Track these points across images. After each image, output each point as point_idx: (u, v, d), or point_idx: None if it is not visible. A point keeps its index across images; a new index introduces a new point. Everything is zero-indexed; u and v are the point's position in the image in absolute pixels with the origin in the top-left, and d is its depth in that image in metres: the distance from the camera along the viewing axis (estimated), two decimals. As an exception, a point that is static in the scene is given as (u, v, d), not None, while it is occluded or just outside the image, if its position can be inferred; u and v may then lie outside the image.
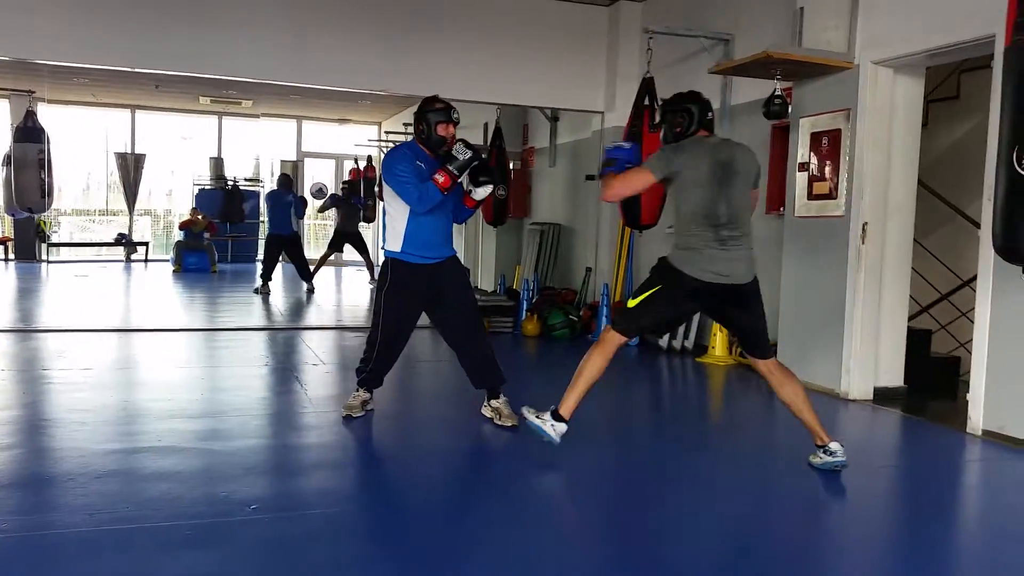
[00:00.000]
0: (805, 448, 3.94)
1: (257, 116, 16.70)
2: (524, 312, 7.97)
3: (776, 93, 5.74)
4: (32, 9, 6.84)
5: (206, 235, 14.94)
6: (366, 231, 14.18)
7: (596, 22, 8.32)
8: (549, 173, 10.05)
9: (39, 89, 11.26)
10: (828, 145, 5.62)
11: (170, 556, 2.77)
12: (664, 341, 7.08)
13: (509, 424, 4.42)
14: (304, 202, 12.45)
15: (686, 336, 7.10)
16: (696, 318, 7.05)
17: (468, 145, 4.18)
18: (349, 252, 12.09)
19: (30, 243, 15.21)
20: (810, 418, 3.85)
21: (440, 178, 4.11)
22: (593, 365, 3.96)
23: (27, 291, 11.31)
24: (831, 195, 5.61)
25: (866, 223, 5.42)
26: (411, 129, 14.19)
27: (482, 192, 4.29)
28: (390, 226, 4.35)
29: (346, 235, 11.87)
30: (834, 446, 3.81)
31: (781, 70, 5.64)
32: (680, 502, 3.52)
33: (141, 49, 7.22)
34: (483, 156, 4.30)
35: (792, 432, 4.15)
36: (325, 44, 7.61)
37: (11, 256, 15.19)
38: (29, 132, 10.58)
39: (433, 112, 4.28)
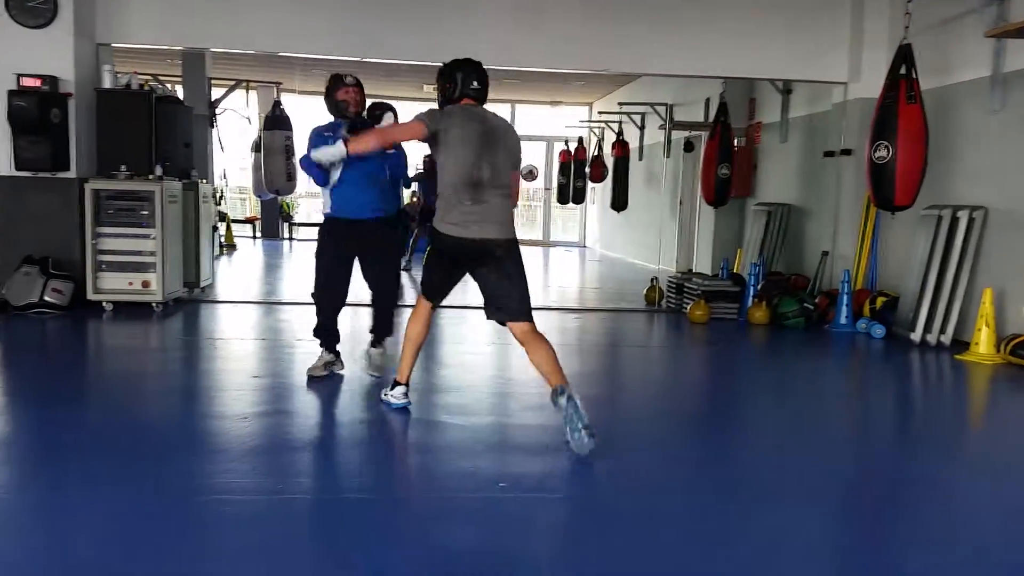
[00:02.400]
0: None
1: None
2: (751, 298, 7.56)
3: (1072, 54, 4.98)
4: (278, 8, 7.35)
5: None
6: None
7: (839, -13, 7.69)
8: (779, 149, 9.47)
9: (285, 81, 12.17)
10: None
11: (432, 528, 2.81)
12: (917, 334, 6.43)
13: (374, 375, 4.86)
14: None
15: (943, 329, 6.40)
16: (956, 306, 6.34)
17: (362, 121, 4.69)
18: (558, 235, 11.83)
19: (274, 222, 16.63)
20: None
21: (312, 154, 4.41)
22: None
23: (274, 266, 12.34)
24: None
25: None
26: (624, 108, 13.92)
27: (385, 121, 4.79)
28: (324, 192, 4.82)
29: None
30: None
31: (1079, 27, 4.88)
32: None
33: (373, 40, 7.56)
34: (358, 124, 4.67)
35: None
36: (542, 27, 7.59)
37: (258, 234, 16.67)
38: (277, 120, 11.43)
39: (330, 87, 4.78)
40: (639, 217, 14.01)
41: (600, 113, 15.84)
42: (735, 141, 9.60)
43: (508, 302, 3.90)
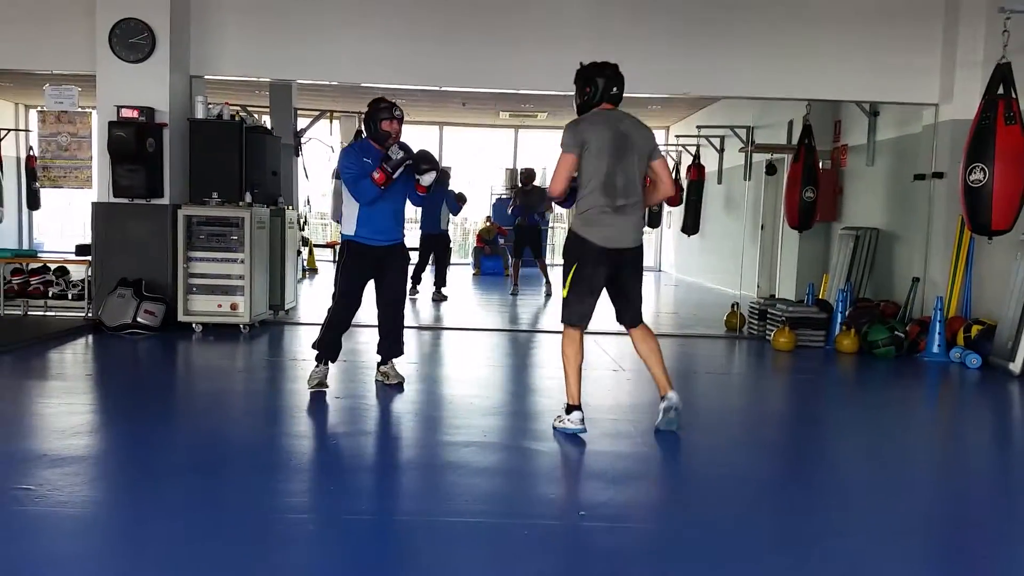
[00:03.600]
0: None
1: (557, 127, 17.24)
2: (838, 326, 7.32)
3: None
4: (361, 40, 7.54)
5: (500, 240, 15.69)
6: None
7: (929, 5, 7.44)
8: (866, 172, 9.19)
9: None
10: None
11: (516, 555, 2.78)
12: (1016, 365, 6.10)
13: (395, 383, 5.18)
14: (460, 198, 11.58)
15: (1045, 360, 6.07)
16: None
17: (403, 147, 4.76)
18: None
19: (352, 247, 16.97)
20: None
21: (376, 175, 4.73)
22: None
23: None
24: None
25: None
26: (703, 132, 13.72)
27: (427, 178, 4.92)
28: (346, 212, 4.96)
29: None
30: (673, 396, 4.19)
31: None
32: None
33: (451, 70, 7.68)
34: (415, 154, 4.84)
35: None
36: (620, 52, 7.49)
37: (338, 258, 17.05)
38: (358, 148, 11.74)
39: (377, 111, 4.88)
40: (717, 241, 13.79)
41: (677, 137, 15.70)
42: (819, 164, 9.36)
43: (639, 304, 4.25)
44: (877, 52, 7.48)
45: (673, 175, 14.77)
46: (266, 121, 11.67)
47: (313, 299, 10.60)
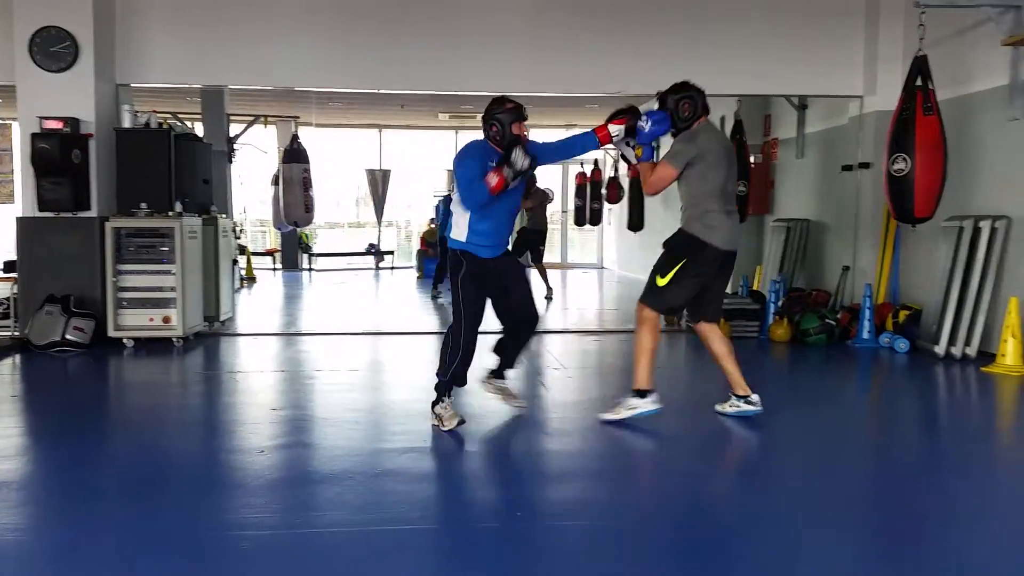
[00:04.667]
0: None
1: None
2: (771, 316, 7.48)
3: (1090, 60, 4.91)
4: (296, 43, 7.45)
5: (444, 243, 15.67)
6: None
7: (850, 1, 7.66)
8: (796, 165, 9.41)
9: (302, 115, 12.33)
10: None
11: (452, 561, 2.78)
12: (941, 347, 6.32)
13: (523, 406, 4.68)
14: None
15: (968, 342, 6.29)
16: (981, 318, 6.23)
17: (527, 152, 4.20)
18: (576, 256, 11.55)
19: (293, 253, 16.76)
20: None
21: (492, 180, 4.17)
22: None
23: (294, 297, 12.42)
24: None
25: None
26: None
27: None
28: (457, 216, 4.41)
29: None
30: (755, 398, 4.48)
31: (1096, 32, 4.82)
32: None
33: (389, 72, 7.62)
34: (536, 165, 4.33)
35: None
36: (555, 52, 7.62)
37: (278, 266, 16.80)
38: (295, 154, 11.60)
39: (506, 112, 4.33)
40: (657, 238, 13.90)
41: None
42: (751, 158, 9.56)
43: (721, 304, 4.59)
44: (804, 47, 7.66)
45: (613, 173, 14.98)
46: (198, 128, 11.47)
47: (252, 310, 10.45)
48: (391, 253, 17.79)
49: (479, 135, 4.47)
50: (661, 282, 4.38)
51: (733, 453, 4.34)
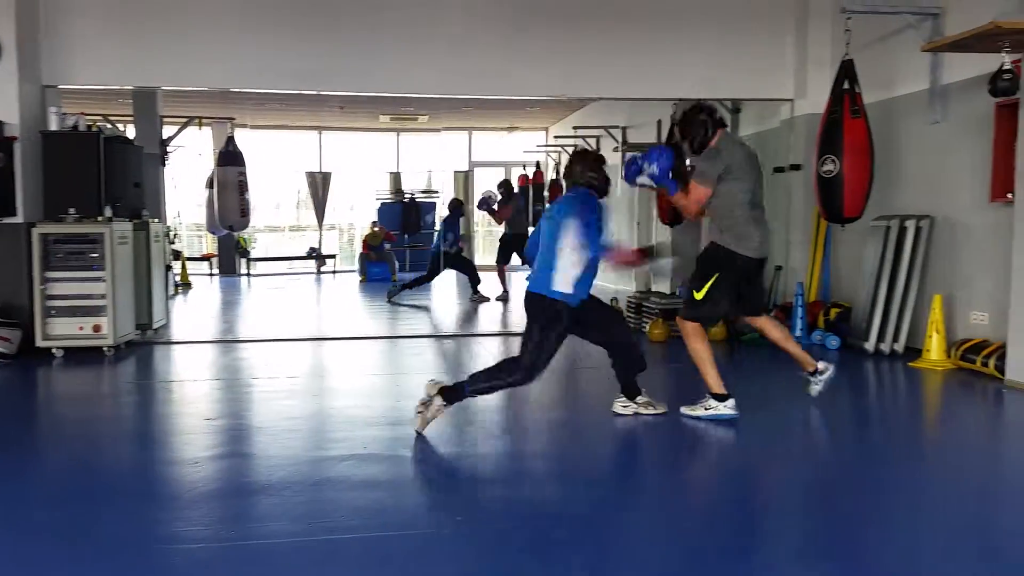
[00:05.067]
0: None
1: (438, 130, 17.20)
2: (710, 315, 7.61)
3: (1005, 67, 5.12)
4: (231, 44, 7.31)
5: (386, 245, 15.54)
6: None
7: (781, 6, 7.86)
8: (730, 169, 9.61)
9: (238, 116, 12.11)
10: (1068, 120, 4.95)
11: (391, 569, 2.76)
12: (871, 344, 6.52)
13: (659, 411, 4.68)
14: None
15: (896, 338, 6.50)
16: (908, 314, 6.45)
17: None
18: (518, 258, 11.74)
19: (231, 258, 16.44)
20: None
21: (629, 257, 4.71)
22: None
23: (231, 303, 12.18)
24: (1074, 177, 4.94)
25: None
26: (580, 132, 13.98)
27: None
28: (565, 266, 4.24)
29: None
30: (822, 365, 4.83)
31: (1010, 42, 5.03)
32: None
33: (326, 74, 7.56)
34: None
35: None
36: (497, 55, 7.65)
37: (215, 271, 16.47)
38: (230, 156, 11.40)
39: (602, 165, 4.53)
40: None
41: (556, 137, 15.96)
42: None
43: (761, 298, 4.86)
44: (736, 52, 7.82)
45: (555, 175, 15.06)
46: (130, 131, 11.17)
47: (187, 316, 10.22)
48: (333, 257, 17.60)
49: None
50: (698, 296, 4.54)
51: (663, 453, 4.40)
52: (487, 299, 10.99)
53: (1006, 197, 5.62)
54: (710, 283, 4.48)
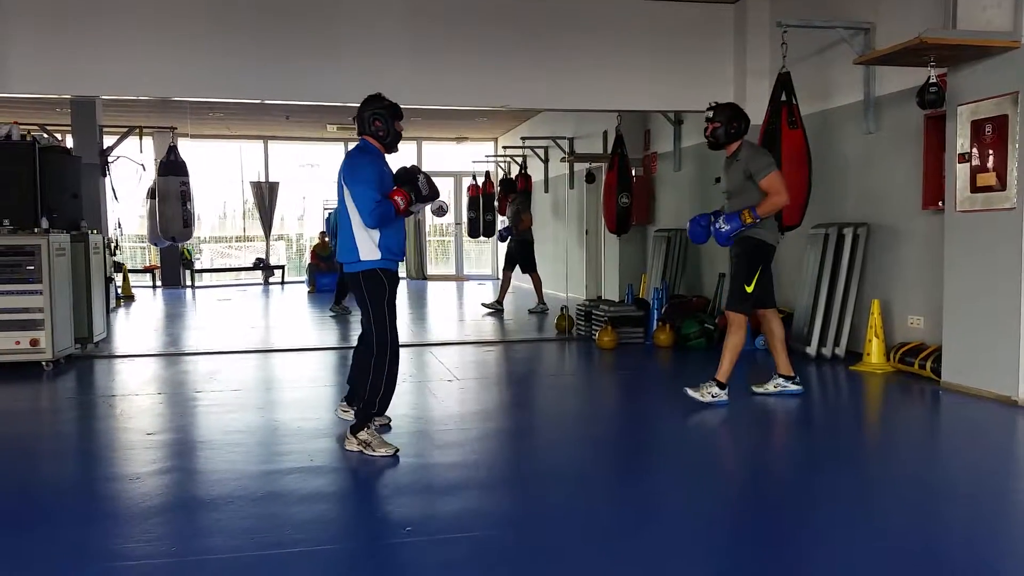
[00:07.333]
0: (982, 464, 3.57)
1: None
2: (655, 322, 7.73)
3: (931, 80, 5.33)
4: (170, 52, 7.18)
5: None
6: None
7: (720, 20, 8.03)
8: (673, 178, 9.78)
9: (180, 125, 11.90)
10: (992, 133, 5.16)
11: None
12: (812, 348, 6.69)
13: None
14: None
15: (836, 343, 6.68)
16: (848, 319, 6.65)
17: (428, 179, 4.32)
18: (472, 267, 11.75)
19: (175, 270, 16.12)
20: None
21: (401, 202, 4.12)
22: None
23: (175, 316, 11.94)
24: (998, 187, 5.15)
25: (1042, 214, 4.94)
26: (528, 143, 14.08)
27: (439, 218, 5.19)
28: (364, 234, 4.12)
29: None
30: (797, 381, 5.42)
31: (935, 56, 5.23)
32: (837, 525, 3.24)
33: (271, 83, 7.46)
34: (434, 187, 4.39)
35: (965, 448, 3.78)
36: (443, 66, 7.65)
37: (158, 283, 16.13)
38: (172, 166, 11.17)
39: (385, 109, 4.26)
40: (548, 248, 14.18)
41: (505, 148, 16.04)
42: (633, 171, 9.87)
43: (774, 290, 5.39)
44: (679, 64, 7.97)
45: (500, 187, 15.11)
46: (69, 140, 10.89)
47: (129, 329, 10.00)
48: (281, 268, 17.38)
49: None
50: (749, 289, 5.11)
51: (622, 458, 4.45)
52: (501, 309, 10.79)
53: (937, 205, 5.83)
54: (757, 275, 5.09)
